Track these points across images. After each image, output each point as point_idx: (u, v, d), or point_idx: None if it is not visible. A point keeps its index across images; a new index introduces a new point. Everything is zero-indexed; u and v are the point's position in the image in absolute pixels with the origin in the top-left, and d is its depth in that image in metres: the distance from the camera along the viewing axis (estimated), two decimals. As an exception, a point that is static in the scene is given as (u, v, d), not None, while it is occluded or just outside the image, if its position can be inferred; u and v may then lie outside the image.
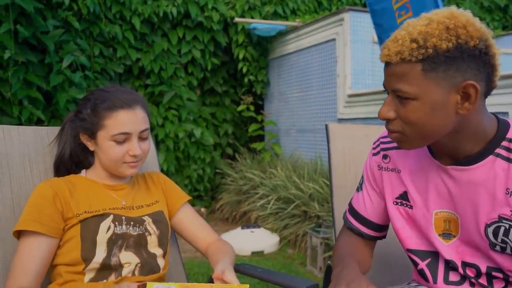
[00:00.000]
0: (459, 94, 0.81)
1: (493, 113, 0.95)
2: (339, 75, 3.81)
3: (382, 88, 3.06)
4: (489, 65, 0.82)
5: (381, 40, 2.88)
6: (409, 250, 1.04)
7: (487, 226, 0.88)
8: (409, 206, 1.00)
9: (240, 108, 4.72)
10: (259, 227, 3.55)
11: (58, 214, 1.06)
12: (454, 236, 0.96)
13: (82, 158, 1.21)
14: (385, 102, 0.87)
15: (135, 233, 1.12)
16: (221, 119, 4.90)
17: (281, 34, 4.58)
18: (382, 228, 1.12)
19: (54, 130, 1.30)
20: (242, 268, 1.19)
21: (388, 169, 1.05)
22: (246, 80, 4.76)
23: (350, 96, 3.69)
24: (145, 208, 1.19)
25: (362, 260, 1.09)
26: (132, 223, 1.13)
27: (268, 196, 3.67)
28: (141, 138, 1.14)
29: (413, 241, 1.02)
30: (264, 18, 4.59)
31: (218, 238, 1.29)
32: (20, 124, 2.97)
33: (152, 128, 4.25)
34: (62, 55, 3.39)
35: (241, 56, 4.60)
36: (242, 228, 3.56)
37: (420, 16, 0.85)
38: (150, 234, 1.15)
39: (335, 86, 3.87)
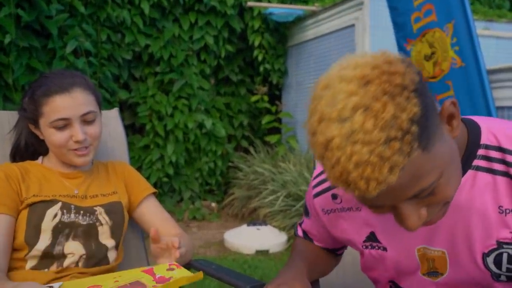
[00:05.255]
0: (444, 123, 0.68)
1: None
2: (357, 64, 3.73)
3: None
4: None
5: (396, 25, 2.79)
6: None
7: (485, 255, 0.77)
8: (382, 248, 0.87)
9: (253, 98, 4.71)
10: (266, 224, 3.55)
11: (14, 194, 1.10)
12: (442, 274, 0.83)
13: (38, 146, 1.25)
14: (406, 213, 0.66)
15: (85, 223, 1.14)
16: (236, 110, 4.91)
17: (300, 19, 4.53)
18: (343, 247, 1.05)
19: (15, 116, 1.34)
20: (197, 264, 1.19)
21: (344, 209, 0.90)
22: (261, 69, 4.74)
23: (368, 86, 3.61)
24: (99, 198, 1.21)
25: (318, 261, 1.03)
26: (81, 212, 1.15)
27: (277, 192, 3.66)
28: (86, 122, 1.16)
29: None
30: (283, 2, 4.55)
31: (179, 232, 1.29)
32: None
33: (161, 118, 4.31)
34: (66, 41, 3.48)
35: (257, 43, 4.59)
36: (248, 225, 3.57)
37: (342, 103, 0.61)
38: (101, 225, 1.17)
39: (353, 76, 3.80)
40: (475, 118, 0.81)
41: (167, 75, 4.28)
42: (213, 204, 4.57)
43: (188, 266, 1.21)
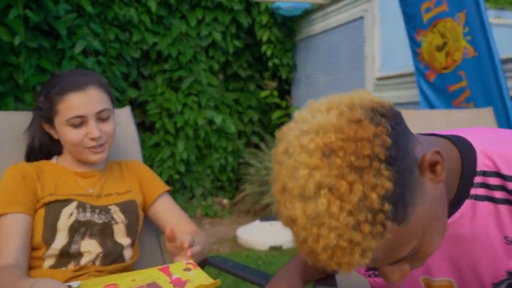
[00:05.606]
0: (426, 172, 0.61)
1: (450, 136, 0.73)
2: (367, 56, 3.71)
3: (412, 70, 2.96)
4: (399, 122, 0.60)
5: (406, 16, 2.77)
6: None
7: (496, 285, 0.74)
8: None
9: (263, 94, 4.70)
10: (278, 220, 3.54)
11: (31, 193, 1.12)
12: None
13: (52, 147, 1.26)
14: (387, 273, 0.64)
15: (100, 221, 1.15)
16: (245, 105, 4.90)
17: (307, 13, 4.51)
18: None
19: (29, 116, 1.35)
20: (213, 261, 1.19)
21: None
22: (270, 64, 4.73)
23: (379, 79, 3.59)
24: (114, 197, 1.22)
25: None
26: (97, 211, 1.16)
27: (289, 188, 3.65)
28: (101, 119, 1.17)
29: None
30: (290, -5, 4.53)
31: (195, 230, 1.30)
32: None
33: (171, 115, 4.32)
34: (75, 40, 3.49)
35: (265, 38, 4.58)
36: (261, 220, 3.58)
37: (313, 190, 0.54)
38: (116, 223, 1.18)
39: (363, 68, 3.78)
40: (468, 134, 0.73)
41: (175, 73, 4.29)
42: (225, 201, 4.58)
43: (204, 263, 1.22)
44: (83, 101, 1.13)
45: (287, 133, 0.59)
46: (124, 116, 1.53)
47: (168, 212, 1.32)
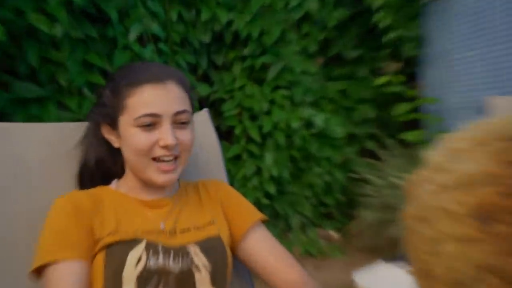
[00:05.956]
0: None
1: None
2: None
3: None
4: None
5: None
6: None
7: None
8: None
9: (380, 81, 4.60)
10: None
11: (86, 232, 1.15)
12: None
13: (111, 164, 1.30)
14: None
15: (177, 269, 1.15)
16: (355, 99, 4.87)
17: (441, -38, 4.35)
18: None
19: (80, 129, 1.40)
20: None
21: None
22: (388, 38, 4.61)
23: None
24: (193, 232, 1.23)
25: None
26: (172, 253, 1.17)
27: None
28: (177, 124, 1.19)
29: None
30: None
31: (305, 280, 1.31)
32: (79, 120, 3.26)
33: (254, 117, 4.36)
34: (128, 25, 3.64)
35: (378, 3, 4.48)
36: (386, 261, 3.46)
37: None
38: (199, 270, 1.17)
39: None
40: None
41: (258, 59, 4.33)
42: (333, 233, 4.54)
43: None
44: (161, 96, 1.16)
45: (419, 187, 0.57)
46: (201, 122, 1.54)
47: (264, 249, 1.31)
